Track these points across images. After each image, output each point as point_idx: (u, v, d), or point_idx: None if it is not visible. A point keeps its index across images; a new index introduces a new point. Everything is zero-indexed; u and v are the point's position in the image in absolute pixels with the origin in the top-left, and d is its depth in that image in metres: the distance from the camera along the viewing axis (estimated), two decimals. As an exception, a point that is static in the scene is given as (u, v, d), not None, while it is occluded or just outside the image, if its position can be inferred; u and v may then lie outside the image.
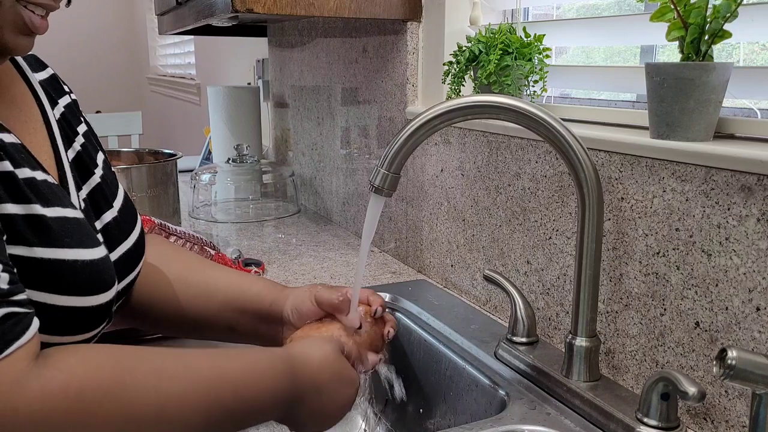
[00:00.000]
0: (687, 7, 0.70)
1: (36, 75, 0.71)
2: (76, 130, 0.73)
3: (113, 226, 0.70)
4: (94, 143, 0.75)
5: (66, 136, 0.70)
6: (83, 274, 0.59)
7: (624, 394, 0.76)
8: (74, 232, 0.60)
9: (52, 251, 0.57)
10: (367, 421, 1.09)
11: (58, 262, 0.57)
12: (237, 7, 1.12)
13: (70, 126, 0.72)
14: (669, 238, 0.74)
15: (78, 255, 0.59)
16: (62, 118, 0.71)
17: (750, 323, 0.66)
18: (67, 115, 0.72)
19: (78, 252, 0.59)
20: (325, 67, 1.63)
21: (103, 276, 0.62)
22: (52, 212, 0.58)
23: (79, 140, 0.72)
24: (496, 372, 0.87)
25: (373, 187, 0.75)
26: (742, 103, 0.81)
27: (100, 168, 0.73)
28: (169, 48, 4.51)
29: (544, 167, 0.91)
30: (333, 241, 1.50)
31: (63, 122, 0.71)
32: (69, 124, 0.72)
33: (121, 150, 1.72)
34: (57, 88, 0.74)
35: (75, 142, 0.71)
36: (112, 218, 0.71)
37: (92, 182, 0.70)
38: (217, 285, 0.82)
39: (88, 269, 0.60)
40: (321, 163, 1.73)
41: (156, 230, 1.17)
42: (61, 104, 0.72)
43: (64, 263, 0.58)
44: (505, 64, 0.95)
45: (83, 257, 0.60)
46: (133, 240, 0.73)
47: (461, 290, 1.14)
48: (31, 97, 0.68)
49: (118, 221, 0.71)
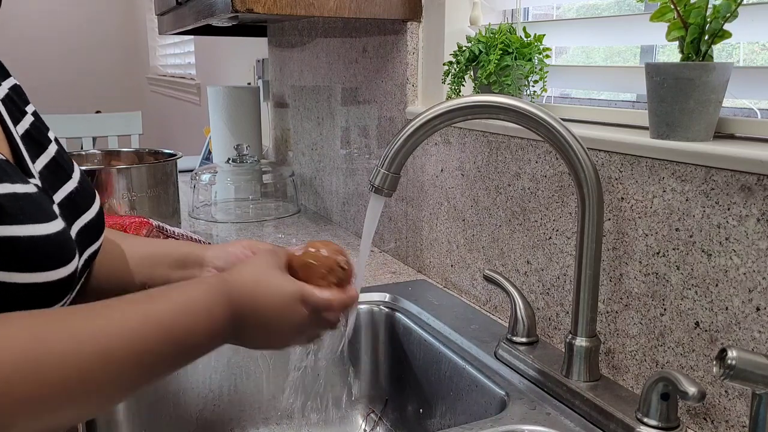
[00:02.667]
0: (687, 7, 0.70)
1: None
2: (24, 110, 0.73)
3: (76, 195, 0.70)
4: (43, 123, 0.76)
5: (12, 114, 0.70)
6: (41, 249, 0.59)
7: (624, 394, 0.76)
8: (26, 208, 0.59)
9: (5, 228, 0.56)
10: (367, 421, 1.09)
11: (13, 239, 0.56)
12: (237, 7, 1.12)
13: (17, 106, 0.72)
14: (669, 238, 0.74)
15: (33, 230, 0.58)
16: (7, 98, 0.71)
17: (750, 323, 0.66)
18: (13, 96, 0.73)
19: (33, 228, 0.58)
20: (325, 67, 1.63)
21: (62, 249, 0.61)
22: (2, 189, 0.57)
23: (28, 118, 0.72)
24: (496, 372, 0.87)
25: (373, 187, 0.75)
26: (742, 103, 0.81)
27: (53, 144, 0.73)
28: (169, 48, 4.51)
29: (544, 167, 0.91)
30: (333, 241, 1.50)
31: (8, 102, 0.71)
32: (15, 103, 0.72)
33: (121, 150, 1.72)
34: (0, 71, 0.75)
35: (23, 120, 0.71)
36: (74, 188, 0.71)
37: (47, 155, 0.70)
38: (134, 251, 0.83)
39: (45, 244, 0.59)
40: (321, 163, 1.73)
41: (154, 232, 1.17)
42: (5, 86, 0.73)
43: (19, 240, 0.57)
44: (505, 64, 0.95)
45: (39, 232, 0.59)
46: (94, 211, 0.73)
47: (461, 290, 1.14)
48: None
49: (79, 191, 0.71)
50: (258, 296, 0.66)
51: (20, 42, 4.82)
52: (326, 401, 1.09)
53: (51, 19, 5.04)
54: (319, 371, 1.09)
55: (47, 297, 0.60)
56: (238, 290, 0.66)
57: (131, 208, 1.42)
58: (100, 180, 1.40)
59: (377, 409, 1.10)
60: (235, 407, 1.04)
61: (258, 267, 0.69)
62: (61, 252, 0.61)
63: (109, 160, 1.65)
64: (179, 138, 4.20)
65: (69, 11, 5.17)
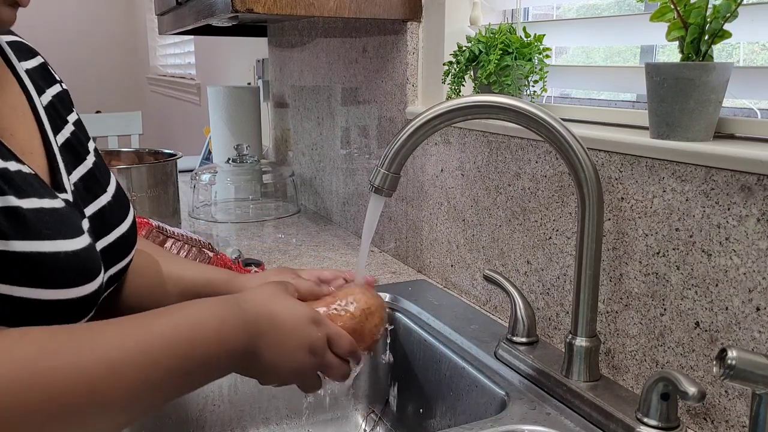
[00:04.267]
0: (687, 7, 0.70)
1: (23, 63, 0.71)
2: (65, 118, 0.72)
3: (108, 210, 0.70)
4: (84, 132, 0.75)
5: (54, 123, 0.69)
6: (66, 266, 0.58)
7: (624, 394, 0.76)
8: (52, 223, 0.58)
9: (30, 244, 0.55)
10: (367, 421, 1.09)
11: (38, 254, 0.56)
12: (237, 7, 1.12)
13: (59, 114, 0.71)
14: (669, 238, 0.74)
15: (58, 246, 0.58)
16: (50, 106, 0.70)
17: (750, 323, 0.66)
18: (56, 104, 0.72)
19: (58, 243, 0.58)
20: (325, 67, 1.63)
21: (88, 266, 0.61)
22: (28, 203, 0.57)
23: (68, 128, 0.71)
24: (496, 372, 0.87)
25: (373, 187, 0.75)
26: (742, 103, 0.81)
27: (92, 155, 0.73)
28: (169, 48, 4.51)
29: (544, 167, 0.91)
30: (333, 241, 1.50)
31: (51, 109, 0.70)
32: (57, 111, 0.71)
33: (121, 150, 1.72)
34: (46, 77, 0.74)
35: (64, 129, 0.70)
36: (107, 202, 0.70)
37: (84, 167, 0.70)
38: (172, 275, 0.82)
39: (70, 260, 0.59)
40: (321, 163, 1.73)
41: (154, 233, 1.17)
42: (50, 93, 0.72)
43: (44, 255, 0.56)
44: (505, 64, 0.95)
45: (64, 248, 0.58)
46: (126, 226, 0.72)
47: (461, 290, 1.14)
48: (16, 84, 0.68)
49: (112, 206, 0.71)
50: (274, 310, 0.65)
51: (20, 42, 4.81)
52: (326, 401, 1.09)
53: (51, 19, 5.04)
54: (319, 371, 1.09)
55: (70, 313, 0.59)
56: (254, 303, 0.65)
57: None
58: (100, 180, 1.40)
59: (377, 409, 1.10)
60: (235, 407, 1.04)
61: (271, 288, 0.69)
62: (86, 269, 0.60)
63: (109, 160, 1.65)
64: (179, 138, 4.20)
65: (69, 11, 5.17)
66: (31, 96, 0.68)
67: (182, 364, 0.57)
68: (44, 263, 0.56)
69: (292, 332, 0.66)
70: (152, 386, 0.56)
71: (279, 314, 0.65)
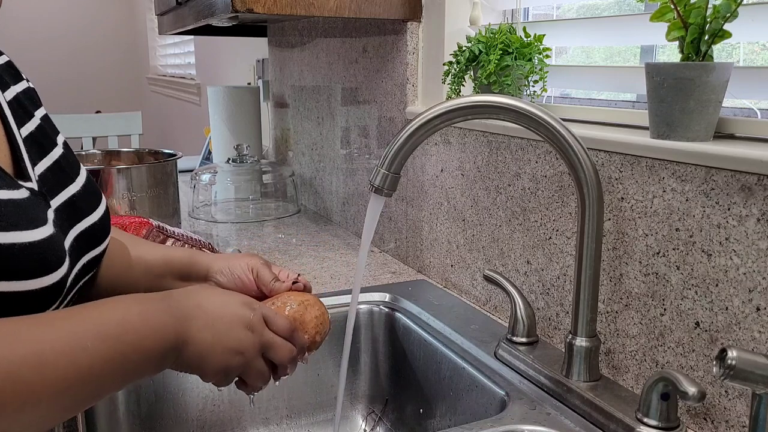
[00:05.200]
0: (687, 7, 0.70)
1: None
2: (32, 113, 0.73)
3: (78, 198, 0.70)
4: (53, 127, 0.75)
5: (18, 116, 0.69)
6: (23, 257, 0.57)
7: (624, 394, 0.76)
8: (10, 214, 0.58)
9: None
10: (367, 421, 1.09)
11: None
12: (237, 7, 1.12)
13: (25, 109, 0.72)
14: (669, 238, 0.74)
15: (16, 238, 0.57)
16: (14, 101, 0.71)
17: (750, 323, 0.66)
18: (21, 99, 0.72)
19: (16, 234, 0.57)
20: (325, 67, 1.63)
21: (47, 257, 0.60)
22: None
23: (34, 122, 0.72)
24: (496, 372, 0.87)
25: (373, 187, 0.75)
26: (742, 103, 0.81)
27: (59, 147, 0.73)
28: (169, 48, 4.51)
29: (544, 167, 0.91)
30: (333, 241, 1.50)
31: (15, 104, 0.70)
32: (23, 106, 0.72)
33: (121, 150, 1.72)
34: (12, 74, 0.74)
35: (29, 123, 0.71)
36: (76, 191, 0.70)
37: (51, 158, 0.70)
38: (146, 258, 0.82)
39: (28, 252, 0.58)
40: (321, 163, 1.73)
41: (154, 232, 1.17)
42: (14, 89, 0.72)
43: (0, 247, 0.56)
44: (505, 64, 0.95)
45: (20, 240, 0.57)
46: (99, 214, 0.72)
47: (461, 290, 1.14)
48: None
49: (82, 195, 0.71)
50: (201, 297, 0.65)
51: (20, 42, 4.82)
52: (326, 401, 1.09)
53: (51, 19, 5.04)
54: (319, 371, 1.09)
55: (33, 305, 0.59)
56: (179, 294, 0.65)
57: (131, 208, 1.42)
58: (100, 180, 1.40)
59: (377, 409, 1.10)
60: (235, 407, 1.04)
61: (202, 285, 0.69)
62: (45, 260, 0.60)
63: (109, 160, 1.65)
64: (179, 138, 4.20)
65: (69, 11, 5.17)
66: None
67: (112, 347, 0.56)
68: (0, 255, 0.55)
69: (223, 312, 0.64)
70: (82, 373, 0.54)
71: (206, 299, 0.65)
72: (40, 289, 0.59)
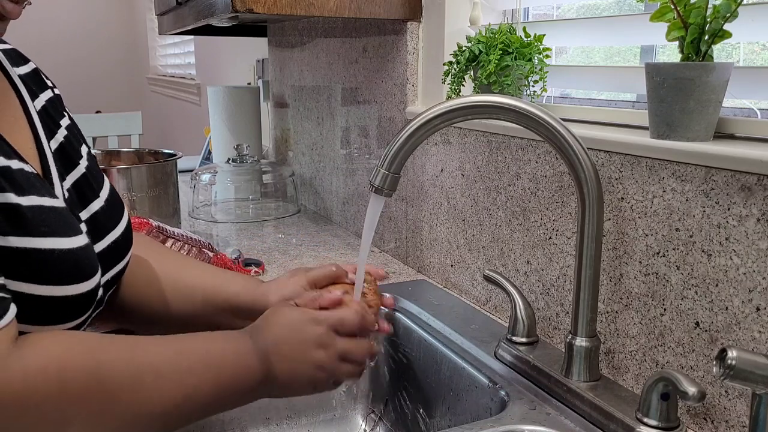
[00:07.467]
0: (687, 7, 0.70)
1: (16, 69, 0.72)
2: (58, 123, 0.73)
3: (101, 215, 0.70)
4: (77, 136, 0.75)
5: (48, 127, 0.69)
6: (62, 263, 0.59)
7: (624, 394, 0.76)
8: (50, 221, 0.59)
9: (27, 240, 0.56)
10: (367, 421, 1.09)
11: (34, 251, 0.57)
12: (237, 7, 1.12)
13: (52, 118, 0.72)
14: (669, 238, 0.74)
15: (55, 244, 0.58)
16: (43, 111, 0.71)
17: (750, 323, 0.66)
18: (49, 108, 0.72)
19: (55, 241, 0.58)
20: (325, 67, 1.63)
21: (83, 264, 0.61)
22: (28, 201, 0.57)
23: (61, 132, 0.72)
24: (496, 372, 0.87)
25: (373, 187, 0.75)
26: (742, 103, 0.81)
27: (84, 159, 0.73)
28: (169, 48, 4.51)
29: (544, 167, 0.91)
30: (333, 241, 1.50)
31: (44, 114, 0.70)
32: (50, 116, 0.72)
33: (121, 150, 1.72)
34: (39, 82, 0.74)
35: (57, 134, 0.71)
36: (99, 207, 0.70)
37: (77, 173, 0.70)
38: (195, 283, 0.83)
39: (66, 258, 0.59)
40: (321, 163, 1.73)
41: (154, 233, 1.17)
42: (43, 98, 0.72)
43: (40, 252, 0.57)
44: (505, 64, 0.95)
45: (60, 246, 0.59)
46: (120, 230, 0.73)
47: (461, 290, 1.14)
48: (11, 89, 0.68)
49: (105, 210, 0.71)
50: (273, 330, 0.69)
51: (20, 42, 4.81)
52: (326, 401, 1.09)
53: (51, 19, 5.04)
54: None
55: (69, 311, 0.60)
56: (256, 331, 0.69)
57: (131, 209, 1.42)
58: (100, 180, 1.40)
59: (377, 409, 1.10)
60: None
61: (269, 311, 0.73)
62: (81, 267, 0.61)
63: (109, 160, 1.65)
64: (179, 138, 4.20)
65: (69, 11, 5.17)
66: (25, 101, 0.68)
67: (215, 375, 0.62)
68: (40, 260, 0.57)
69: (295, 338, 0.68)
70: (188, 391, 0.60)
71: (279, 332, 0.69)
72: (76, 296, 0.60)
